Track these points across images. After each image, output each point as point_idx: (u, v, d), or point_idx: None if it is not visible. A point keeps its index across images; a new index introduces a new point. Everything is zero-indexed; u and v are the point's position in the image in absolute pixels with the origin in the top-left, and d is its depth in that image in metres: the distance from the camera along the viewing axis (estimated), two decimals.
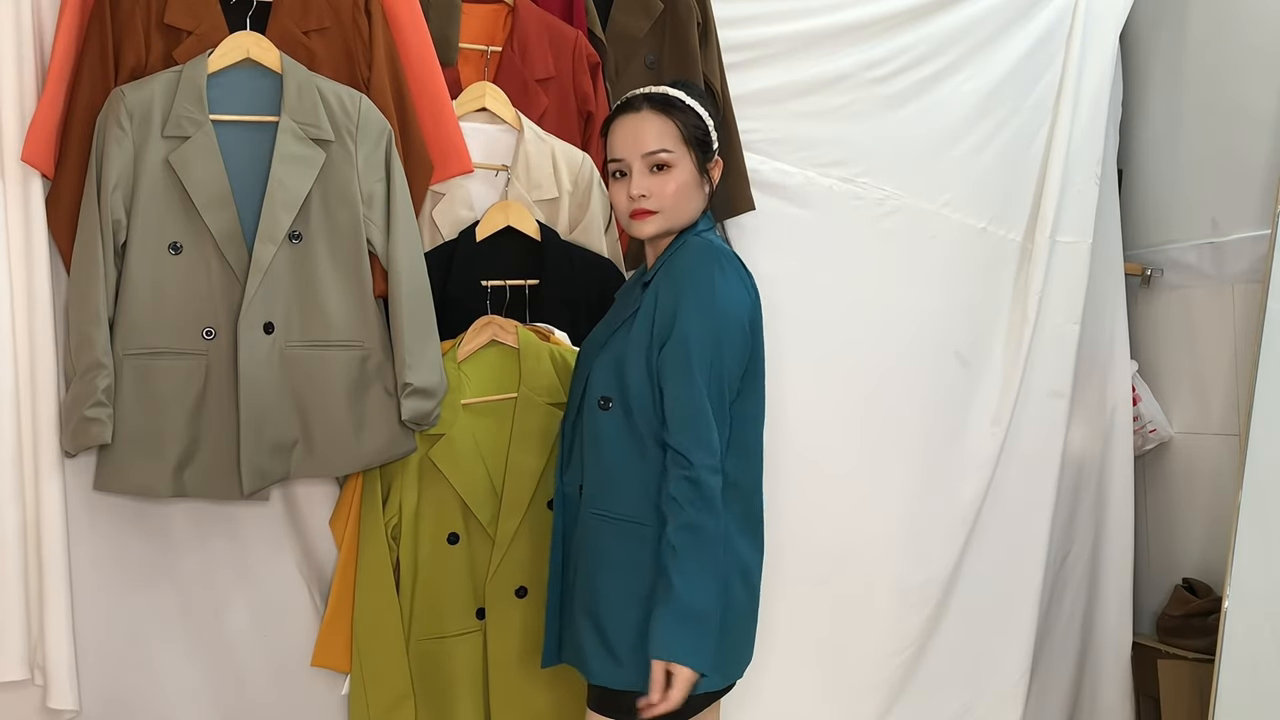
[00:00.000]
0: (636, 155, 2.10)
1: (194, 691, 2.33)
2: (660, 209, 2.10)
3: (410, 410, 2.22)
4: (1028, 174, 3.08)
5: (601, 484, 2.09)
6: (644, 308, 2.09)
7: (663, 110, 2.12)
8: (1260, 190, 3.00)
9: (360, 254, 2.25)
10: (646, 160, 2.10)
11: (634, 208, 2.10)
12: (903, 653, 2.89)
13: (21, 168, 2.16)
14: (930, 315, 2.96)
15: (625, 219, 2.13)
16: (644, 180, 2.10)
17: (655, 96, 2.14)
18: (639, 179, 2.10)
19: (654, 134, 2.10)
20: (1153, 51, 3.36)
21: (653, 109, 2.12)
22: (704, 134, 2.14)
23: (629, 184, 2.11)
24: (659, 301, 2.07)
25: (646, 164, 2.10)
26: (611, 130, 2.16)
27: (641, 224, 2.11)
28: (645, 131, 2.11)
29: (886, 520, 2.89)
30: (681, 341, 2.02)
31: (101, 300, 2.12)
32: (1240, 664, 2.68)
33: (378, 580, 2.29)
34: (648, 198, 2.09)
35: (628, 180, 2.11)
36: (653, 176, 2.10)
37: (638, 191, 2.09)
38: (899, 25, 2.95)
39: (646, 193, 2.09)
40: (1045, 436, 3.08)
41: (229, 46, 2.23)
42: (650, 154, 2.09)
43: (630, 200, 2.10)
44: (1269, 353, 2.77)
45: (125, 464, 2.14)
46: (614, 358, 2.10)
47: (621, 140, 2.12)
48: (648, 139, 2.10)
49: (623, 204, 2.13)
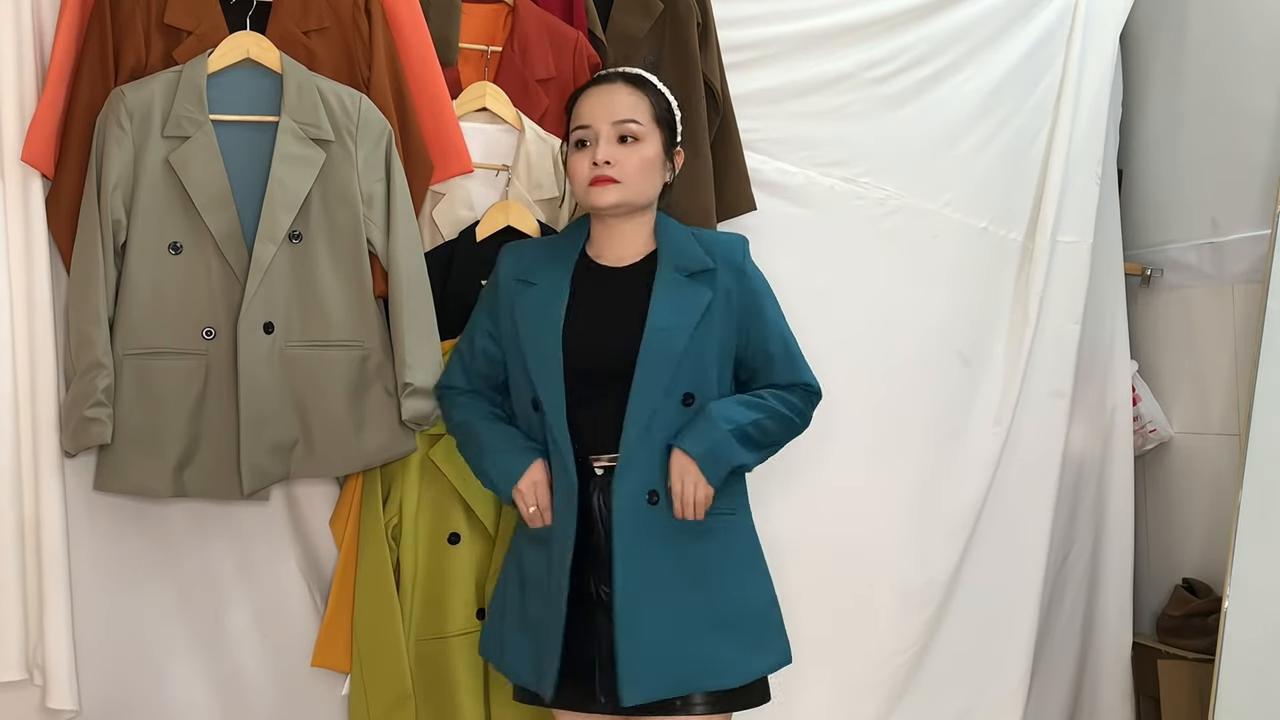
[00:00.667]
0: (606, 122, 2.07)
1: (194, 691, 2.33)
2: (623, 179, 2.06)
3: (410, 410, 2.22)
4: (1028, 174, 3.08)
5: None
6: (720, 299, 2.05)
7: (636, 85, 2.12)
8: (1260, 190, 3.00)
9: (360, 254, 2.25)
10: (615, 128, 2.07)
11: (596, 174, 2.05)
12: (904, 653, 2.89)
13: (21, 168, 2.16)
14: (931, 315, 2.96)
15: (583, 188, 2.08)
16: (610, 148, 2.06)
17: (628, 74, 2.14)
18: (605, 146, 2.06)
19: (627, 104, 2.09)
20: (1153, 51, 3.36)
21: (625, 83, 2.12)
22: (672, 118, 2.13)
23: (593, 151, 2.06)
24: (740, 289, 2.07)
25: (615, 132, 2.07)
26: (580, 100, 2.13)
27: (602, 191, 2.05)
28: (618, 100, 2.09)
29: (888, 521, 2.89)
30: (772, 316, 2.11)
31: (101, 300, 2.12)
32: (1240, 664, 2.68)
33: (378, 580, 2.29)
34: (612, 165, 2.05)
35: (591, 149, 2.07)
36: (619, 146, 2.07)
37: (603, 157, 2.05)
38: (899, 25, 2.95)
39: (612, 159, 2.05)
40: (1046, 437, 3.07)
41: (229, 46, 2.23)
42: (620, 122, 2.07)
43: (593, 167, 2.05)
44: (1269, 353, 2.76)
45: (125, 464, 2.14)
46: (695, 356, 2.03)
47: (590, 108, 2.09)
48: (619, 106, 2.08)
49: (583, 172, 2.07)
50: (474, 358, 2.18)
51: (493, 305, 2.16)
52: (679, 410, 2.02)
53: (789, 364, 2.12)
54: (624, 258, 2.13)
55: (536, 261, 2.14)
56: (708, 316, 2.04)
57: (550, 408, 2.01)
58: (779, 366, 2.11)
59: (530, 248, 2.18)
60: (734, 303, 2.08)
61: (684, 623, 1.96)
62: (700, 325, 2.03)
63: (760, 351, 2.11)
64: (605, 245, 2.14)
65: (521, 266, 2.13)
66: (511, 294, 2.12)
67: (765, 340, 2.10)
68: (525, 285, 2.11)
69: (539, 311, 2.07)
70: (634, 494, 1.98)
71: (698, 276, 2.07)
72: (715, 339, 2.06)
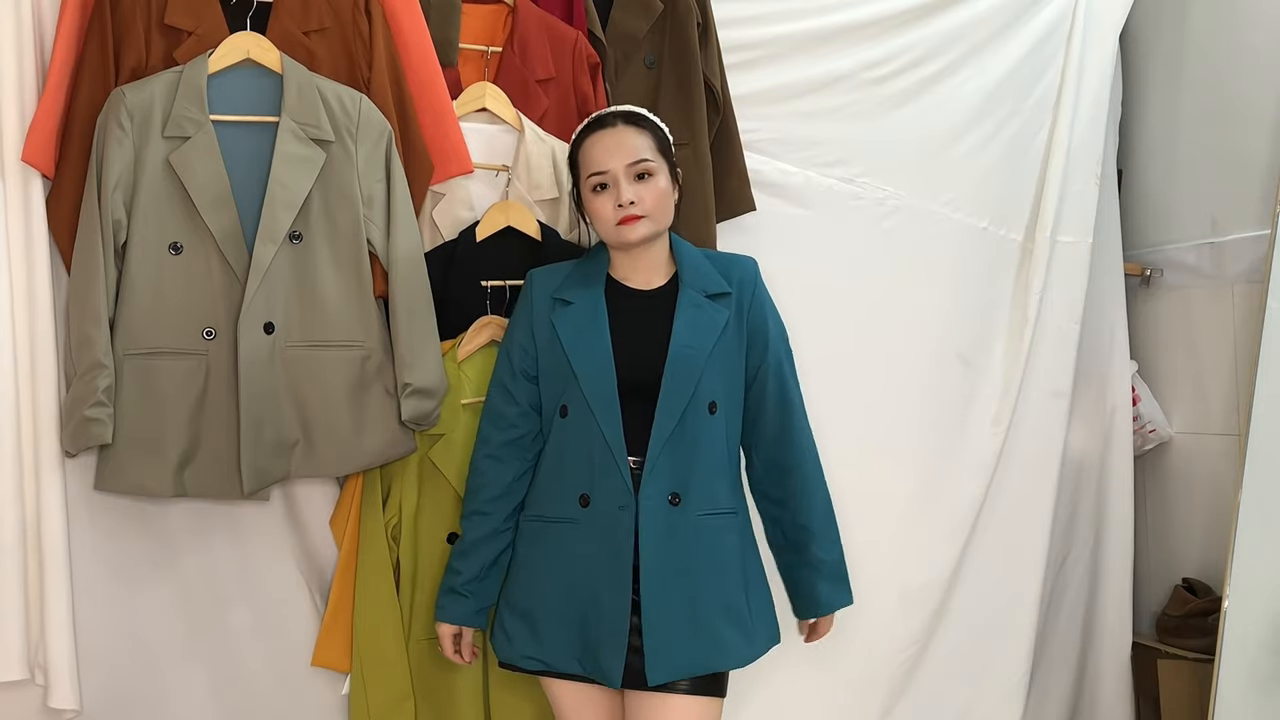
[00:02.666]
0: (622, 165, 2.17)
1: (194, 691, 2.33)
2: (647, 213, 2.18)
3: (410, 410, 2.23)
4: (1028, 174, 3.08)
5: (706, 485, 2.16)
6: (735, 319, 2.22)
7: (637, 124, 2.22)
8: (1260, 190, 3.00)
9: (360, 254, 2.25)
10: (632, 169, 2.18)
11: (624, 214, 2.16)
12: (904, 653, 2.89)
13: (21, 168, 2.16)
14: (931, 315, 2.96)
15: (611, 228, 2.19)
16: (631, 188, 2.17)
17: (625, 113, 2.23)
18: (627, 187, 2.17)
19: (636, 145, 2.19)
20: (1153, 51, 3.36)
21: (627, 123, 2.22)
22: (670, 147, 2.25)
23: (615, 194, 2.17)
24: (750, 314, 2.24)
25: (632, 173, 2.18)
26: (587, 147, 2.22)
27: (633, 228, 2.17)
28: (629, 142, 2.19)
29: (888, 521, 2.89)
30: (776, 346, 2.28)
31: (102, 300, 2.12)
32: (1240, 664, 2.68)
33: (378, 580, 2.29)
34: (637, 203, 2.16)
35: (613, 191, 2.18)
36: (638, 184, 2.17)
37: (628, 198, 2.16)
38: (899, 25, 2.95)
39: (636, 198, 2.16)
40: (1046, 437, 3.07)
41: (229, 47, 2.23)
42: (635, 163, 2.18)
43: (619, 209, 2.16)
44: (1269, 353, 2.76)
45: (126, 464, 2.14)
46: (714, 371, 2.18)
47: (603, 153, 2.19)
48: (633, 148, 2.19)
49: (609, 214, 2.18)
50: (516, 381, 2.24)
51: (527, 322, 2.24)
52: (700, 419, 2.17)
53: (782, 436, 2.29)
54: (649, 281, 2.24)
55: (568, 281, 2.25)
56: (724, 334, 2.20)
57: (605, 417, 2.13)
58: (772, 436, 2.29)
59: (557, 271, 2.28)
60: (744, 321, 2.25)
61: (699, 610, 2.13)
62: (718, 343, 2.19)
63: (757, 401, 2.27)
64: (630, 270, 2.25)
65: (554, 285, 2.25)
66: (548, 310, 2.22)
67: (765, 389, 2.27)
68: (562, 304, 2.22)
69: (585, 327, 2.19)
70: (658, 494, 2.13)
71: (716, 298, 2.22)
72: (730, 355, 2.22)
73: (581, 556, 2.14)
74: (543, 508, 2.21)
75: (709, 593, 2.14)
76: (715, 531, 2.17)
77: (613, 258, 2.26)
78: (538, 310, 2.23)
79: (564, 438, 2.19)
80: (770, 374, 2.26)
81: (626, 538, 2.11)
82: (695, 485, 2.15)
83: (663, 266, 2.26)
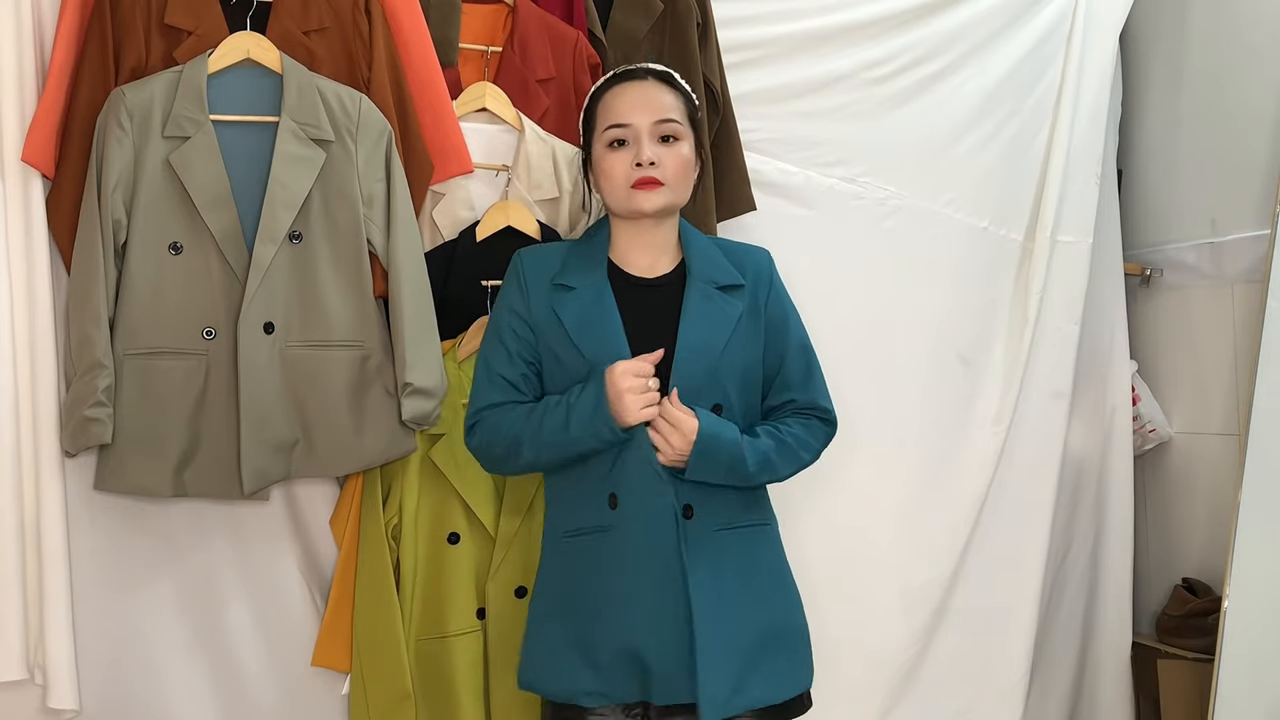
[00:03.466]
0: (648, 121, 1.96)
1: (194, 691, 2.33)
2: (666, 180, 1.97)
3: (411, 410, 2.22)
4: (1029, 174, 3.08)
5: (722, 497, 1.96)
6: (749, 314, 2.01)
7: (669, 83, 2.02)
8: (1260, 190, 3.00)
9: (360, 254, 2.25)
10: (658, 128, 1.96)
11: (641, 175, 1.95)
12: (904, 653, 2.89)
13: (21, 168, 2.16)
14: (932, 315, 2.96)
15: (624, 191, 1.97)
16: (654, 147, 1.96)
17: (658, 70, 2.04)
18: (650, 145, 1.95)
19: (666, 102, 1.98)
20: (1153, 51, 3.36)
21: (658, 80, 2.02)
22: (699, 118, 2.06)
23: (636, 151, 1.95)
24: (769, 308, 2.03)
25: (657, 132, 1.96)
26: (610, 96, 2.01)
27: (649, 194, 1.96)
28: (657, 97, 1.98)
29: (889, 521, 2.89)
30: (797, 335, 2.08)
31: (101, 300, 2.12)
32: (1240, 664, 2.68)
33: (378, 580, 2.29)
34: (658, 165, 1.96)
35: (633, 148, 1.96)
36: (661, 146, 1.97)
37: (649, 157, 1.94)
38: (899, 25, 2.95)
39: (657, 159, 1.96)
40: (1046, 437, 3.07)
41: (229, 47, 2.23)
42: (662, 121, 1.96)
43: (637, 168, 1.94)
44: (1269, 353, 2.77)
45: (125, 464, 2.14)
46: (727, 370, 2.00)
47: (629, 105, 1.97)
48: (661, 104, 1.97)
49: (623, 173, 1.96)
50: (511, 364, 2.03)
51: (523, 307, 2.02)
52: None
53: (808, 384, 2.09)
54: (653, 267, 2.05)
55: (567, 265, 2.03)
56: (738, 330, 2.01)
57: None
58: (798, 385, 2.08)
59: (549, 252, 2.07)
60: (761, 317, 2.05)
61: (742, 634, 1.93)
62: (733, 338, 2.00)
63: (782, 368, 2.08)
64: (633, 251, 2.04)
65: (552, 269, 2.03)
66: (547, 296, 2.00)
67: (787, 358, 2.07)
68: (562, 289, 2.00)
69: (592, 314, 1.98)
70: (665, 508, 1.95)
71: (728, 290, 2.03)
72: (744, 352, 2.02)
73: (624, 568, 1.92)
74: (574, 519, 2.00)
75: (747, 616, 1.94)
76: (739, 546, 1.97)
77: (614, 235, 2.06)
78: (535, 295, 2.01)
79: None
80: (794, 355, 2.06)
81: (671, 536, 1.91)
82: (709, 498, 1.95)
83: (670, 250, 2.06)
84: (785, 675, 1.98)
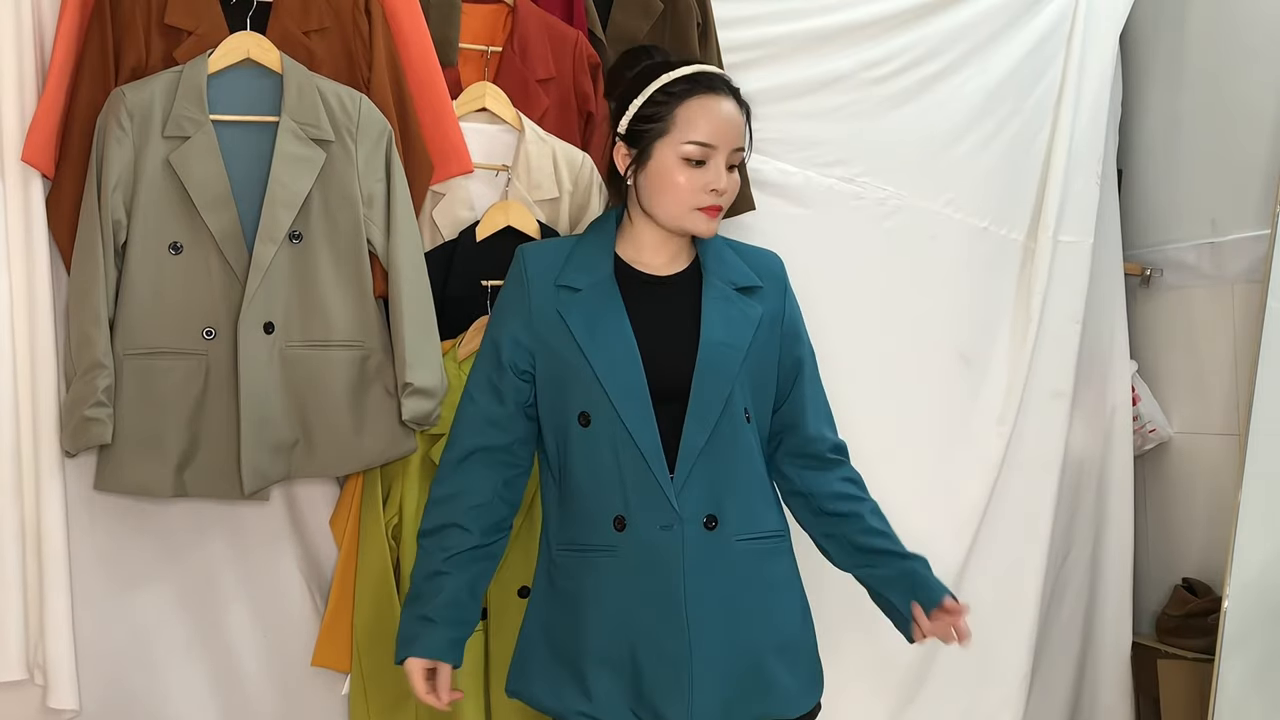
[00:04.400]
0: (728, 147, 1.89)
1: (194, 691, 2.33)
2: (725, 206, 1.93)
3: (411, 410, 2.22)
4: (1029, 173, 3.08)
5: (746, 505, 1.91)
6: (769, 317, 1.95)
7: (740, 104, 1.94)
8: (1260, 190, 3.00)
9: (360, 254, 2.25)
10: (734, 155, 1.91)
11: (712, 203, 1.89)
12: (906, 654, 2.88)
13: (21, 168, 2.16)
14: (933, 316, 2.96)
15: (686, 211, 1.90)
16: (726, 176, 1.90)
17: (732, 86, 1.94)
18: (722, 173, 1.89)
19: (741, 130, 1.91)
20: (1153, 51, 3.36)
21: (736, 101, 1.93)
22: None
23: (709, 174, 1.88)
24: (787, 314, 1.99)
25: (730, 160, 1.91)
26: (699, 107, 1.89)
27: (711, 221, 1.91)
28: (738, 125, 1.91)
29: (892, 521, 2.89)
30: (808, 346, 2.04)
31: (101, 300, 2.12)
32: (1240, 664, 2.68)
33: (378, 580, 2.29)
34: (724, 194, 1.91)
35: (710, 170, 1.89)
36: (729, 173, 1.91)
37: (724, 186, 1.89)
38: (899, 25, 2.95)
39: (727, 190, 1.90)
40: (1047, 437, 3.07)
41: (229, 47, 2.23)
42: (738, 149, 1.91)
43: (710, 194, 1.89)
44: (1269, 353, 2.77)
45: (126, 464, 2.14)
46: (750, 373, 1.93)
47: (714, 126, 1.88)
48: (739, 133, 1.91)
49: (692, 195, 1.88)
50: (503, 376, 1.92)
51: (524, 310, 1.92)
52: (735, 428, 1.90)
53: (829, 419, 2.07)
54: (666, 265, 1.97)
55: (571, 263, 1.94)
56: (759, 333, 1.95)
57: (637, 423, 1.85)
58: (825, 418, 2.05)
59: (553, 250, 1.98)
60: (780, 323, 2.00)
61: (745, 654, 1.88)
62: (754, 341, 1.93)
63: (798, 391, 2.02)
64: (648, 250, 1.96)
65: (555, 269, 1.94)
66: (551, 300, 1.91)
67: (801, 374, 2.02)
68: (568, 291, 1.91)
69: (598, 317, 1.89)
70: (692, 518, 1.86)
71: (746, 292, 1.97)
72: (763, 357, 1.96)
73: (625, 591, 1.85)
74: (575, 534, 1.91)
75: (757, 632, 1.89)
76: (758, 557, 1.91)
77: (632, 232, 1.97)
78: (537, 299, 1.91)
79: (589, 450, 1.87)
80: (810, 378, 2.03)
81: (675, 561, 1.83)
82: (732, 506, 1.88)
83: (685, 250, 1.98)
84: (787, 692, 1.92)
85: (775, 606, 1.94)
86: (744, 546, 1.90)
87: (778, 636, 1.92)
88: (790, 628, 1.95)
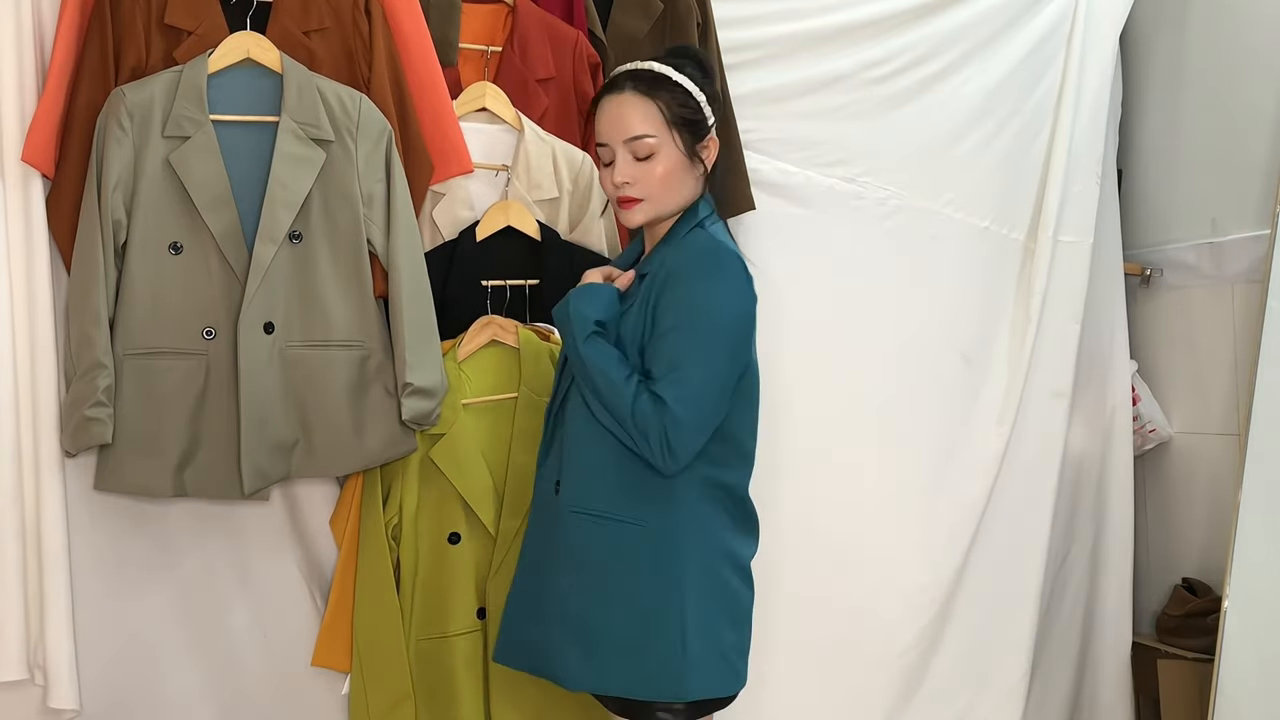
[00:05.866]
0: (619, 141, 2.02)
1: (194, 691, 2.33)
2: (646, 196, 2.03)
3: (411, 410, 2.22)
4: (1030, 173, 3.08)
5: (582, 480, 2.03)
6: (639, 302, 2.01)
7: (646, 92, 2.03)
8: (1260, 190, 3.00)
9: (360, 254, 2.25)
10: (629, 146, 2.02)
11: (619, 195, 2.04)
12: (906, 654, 2.89)
13: (21, 168, 2.16)
14: (934, 315, 2.96)
15: (614, 206, 2.09)
16: (628, 167, 2.02)
17: (640, 74, 2.05)
18: (622, 166, 2.02)
19: (636, 118, 2.02)
20: (1153, 51, 3.36)
21: (635, 90, 2.03)
22: (693, 113, 2.04)
23: (614, 169, 2.04)
24: (659, 298, 1.97)
25: (629, 150, 2.02)
26: (597, 112, 2.08)
27: (629, 212, 2.04)
28: (627, 115, 2.02)
29: (892, 523, 2.89)
30: (689, 329, 1.94)
31: (102, 300, 2.12)
32: (1240, 664, 2.68)
33: (378, 580, 2.29)
34: (631, 185, 2.02)
35: (613, 166, 2.04)
36: (637, 163, 2.02)
37: (621, 179, 2.02)
38: (899, 25, 2.95)
39: (630, 180, 2.02)
40: (1046, 437, 3.07)
41: (229, 47, 2.23)
42: (632, 139, 2.01)
43: (615, 187, 2.04)
44: (1269, 353, 2.77)
45: (126, 464, 2.14)
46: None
47: (605, 123, 2.04)
48: (629, 123, 2.01)
49: (610, 189, 2.06)
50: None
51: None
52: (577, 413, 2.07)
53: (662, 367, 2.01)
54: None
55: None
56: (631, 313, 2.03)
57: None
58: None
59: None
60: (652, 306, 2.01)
61: (545, 607, 2.05)
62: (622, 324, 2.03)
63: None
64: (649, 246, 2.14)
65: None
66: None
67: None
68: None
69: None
70: (546, 478, 2.11)
71: (643, 280, 2.05)
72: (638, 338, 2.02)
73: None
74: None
75: (552, 596, 2.03)
76: (584, 534, 2.00)
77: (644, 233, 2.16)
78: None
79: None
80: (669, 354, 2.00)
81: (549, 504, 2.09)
82: (570, 478, 2.04)
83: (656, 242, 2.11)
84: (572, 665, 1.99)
85: (583, 583, 2.00)
86: (574, 518, 2.02)
87: (574, 608, 2.00)
88: (590, 609, 1.99)
